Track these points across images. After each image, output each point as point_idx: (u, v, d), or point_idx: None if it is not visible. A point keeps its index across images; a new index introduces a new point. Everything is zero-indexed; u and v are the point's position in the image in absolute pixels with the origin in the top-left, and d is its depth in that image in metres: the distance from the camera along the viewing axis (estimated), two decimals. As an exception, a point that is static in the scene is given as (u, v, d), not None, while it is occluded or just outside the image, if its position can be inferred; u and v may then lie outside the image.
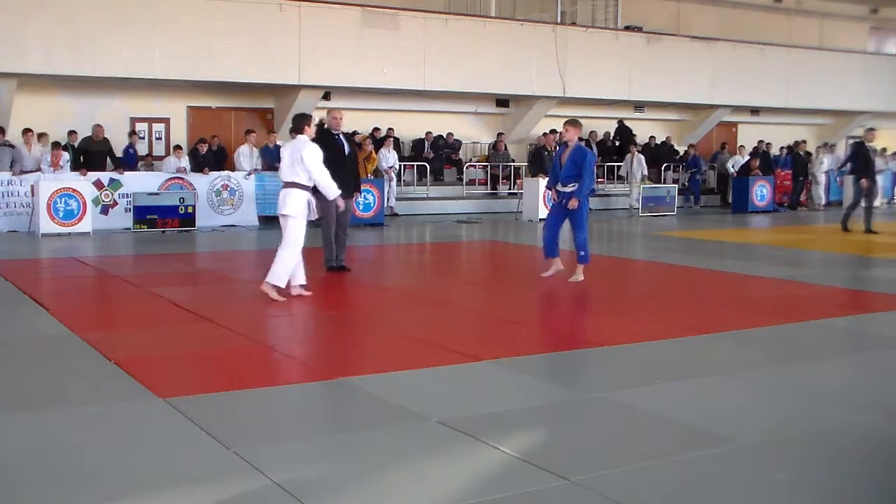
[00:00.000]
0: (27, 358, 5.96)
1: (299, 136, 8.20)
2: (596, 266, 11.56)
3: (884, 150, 24.70)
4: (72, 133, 15.85)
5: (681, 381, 5.44)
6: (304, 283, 8.20)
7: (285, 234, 8.06)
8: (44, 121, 16.14)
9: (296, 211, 7.98)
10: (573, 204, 9.03)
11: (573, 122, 9.26)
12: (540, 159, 18.51)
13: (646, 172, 20.95)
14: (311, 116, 8.42)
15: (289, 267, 7.99)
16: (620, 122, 22.71)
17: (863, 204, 15.67)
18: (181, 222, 14.77)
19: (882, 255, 12.31)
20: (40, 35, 15.20)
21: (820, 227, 17.49)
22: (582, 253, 9.23)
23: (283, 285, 8.00)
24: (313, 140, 8.27)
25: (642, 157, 20.94)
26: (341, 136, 10.00)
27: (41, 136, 15.54)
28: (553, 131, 20.73)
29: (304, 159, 7.92)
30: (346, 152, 9.94)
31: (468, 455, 4.06)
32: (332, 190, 8.22)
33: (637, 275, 10.92)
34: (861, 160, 15.75)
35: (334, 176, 8.78)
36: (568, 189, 9.10)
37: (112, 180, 14.85)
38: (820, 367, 6.00)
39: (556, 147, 19.03)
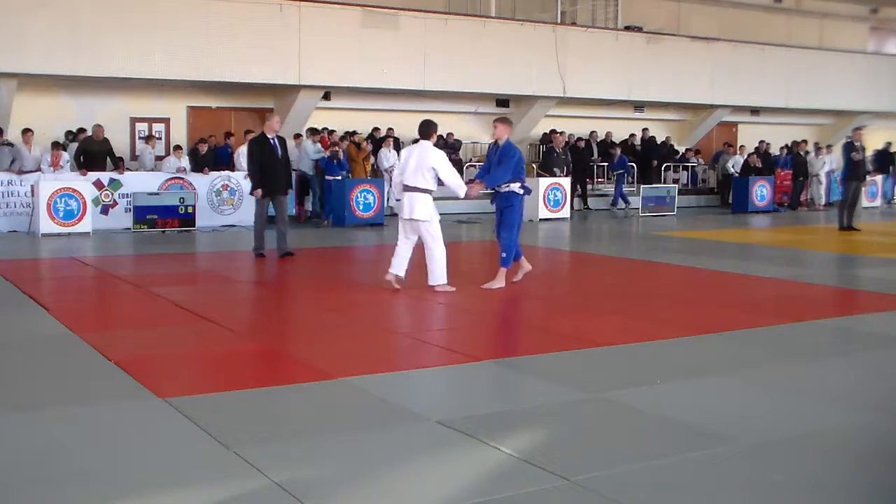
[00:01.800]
0: (27, 358, 5.95)
1: (423, 142, 8.45)
2: (596, 266, 11.58)
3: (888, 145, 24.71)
4: (70, 133, 15.86)
5: (681, 381, 5.44)
6: (401, 274, 8.55)
7: (426, 238, 8.46)
8: (44, 121, 16.14)
9: (427, 215, 8.37)
10: (473, 190, 8.71)
11: (502, 120, 9.06)
12: (549, 160, 18.62)
13: (563, 172, 19.45)
14: (436, 124, 8.71)
15: (443, 263, 8.45)
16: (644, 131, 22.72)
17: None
18: (181, 222, 14.77)
19: (882, 254, 12.31)
20: (40, 35, 15.20)
21: (820, 227, 17.48)
22: (503, 255, 8.83)
23: (445, 280, 8.43)
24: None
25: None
26: (275, 140, 11.33)
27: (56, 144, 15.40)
28: (553, 132, 20.76)
29: (434, 164, 8.24)
30: (279, 155, 11.32)
31: (468, 455, 4.06)
32: (461, 188, 8.55)
33: (637, 275, 10.92)
34: (850, 160, 15.88)
35: (268, 175, 11.07)
36: (502, 189, 8.79)
37: (112, 180, 14.84)
38: (820, 367, 6.00)
39: (564, 147, 19.16)
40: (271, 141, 11.25)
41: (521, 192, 8.84)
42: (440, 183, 8.51)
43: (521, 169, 8.85)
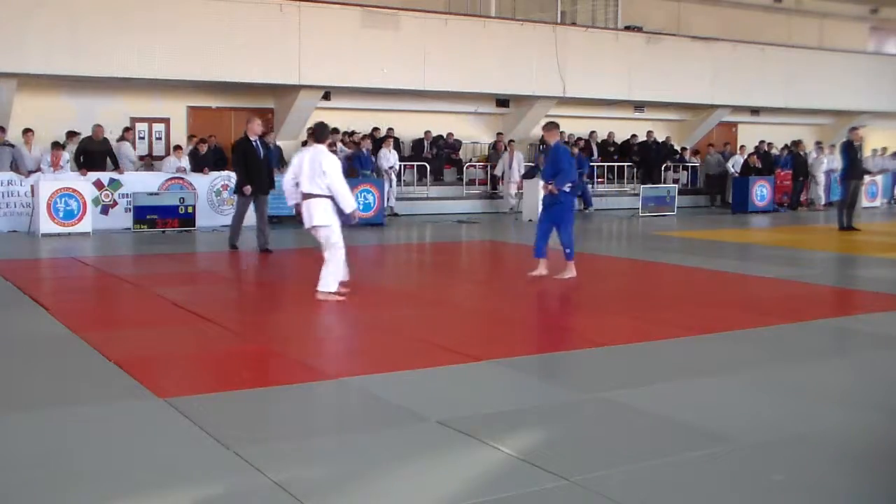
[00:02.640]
0: (27, 358, 5.95)
1: (317, 146, 8.09)
2: (596, 266, 11.56)
3: (884, 149, 24.73)
4: (71, 134, 15.85)
5: (681, 381, 5.44)
6: (345, 279, 8.29)
7: (324, 244, 8.09)
8: (44, 121, 16.13)
9: (327, 220, 7.99)
10: (550, 188, 9.37)
11: (551, 125, 9.63)
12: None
13: (523, 171, 18.80)
14: (331, 129, 8.50)
15: (338, 271, 8.08)
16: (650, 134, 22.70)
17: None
18: (181, 222, 14.77)
19: (881, 254, 12.31)
20: (40, 35, 15.19)
21: (820, 227, 17.48)
22: (567, 251, 9.57)
23: (334, 289, 8.04)
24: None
25: (521, 157, 19.52)
26: (257, 142, 11.83)
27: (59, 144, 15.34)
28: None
29: (326, 169, 7.87)
30: (261, 156, 11.87)
31: (468, 455, 4.06)
32: (349, 202, 8.07)
33: (637, 275, 10.92)
34: (850, 159, 15.94)
35: (250, 175, 11.66)
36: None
37: (112, 180, 14.84)
38: (820, 367, 6.00)
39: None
40: (254, 143, 11.84)
41: (569, 191, 9.53)
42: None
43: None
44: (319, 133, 8.21)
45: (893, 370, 5.97)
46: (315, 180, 7.92)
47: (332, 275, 8.05)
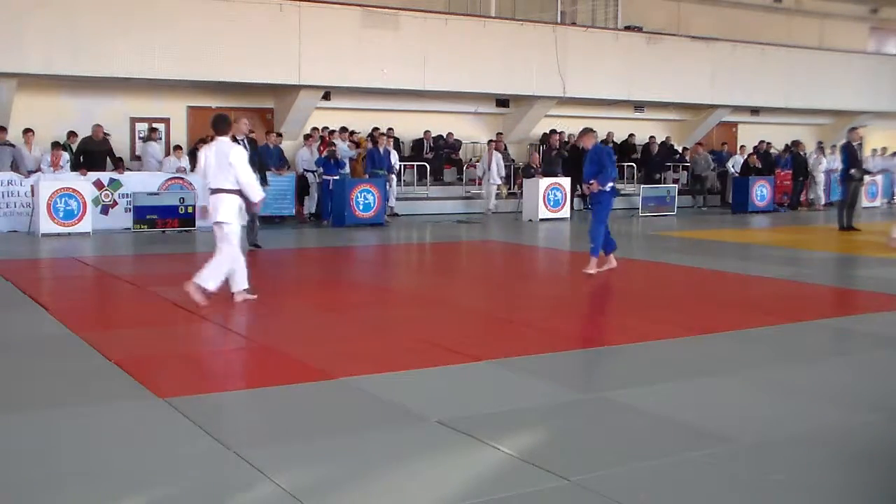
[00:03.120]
0: (27, 358, 5.95)
1: (220, 139, 7.79)
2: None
3: (884, 149, 24.72)
4: (71, 134, 15.86)
5: (681, 381, 5.44)
6: (246, 286, 7.92)
7: (220, 241, 7.75)
8: (44, 121, 16.13)
9: (230, 217, 7.68)
10: (593, 187, 9.78)
11: (586, 131, 10.15)
12: (549, 160, 18.56)
13: (503, 173, 19.18)
14: (230, 120, 8.07)
15: (223, 271, 7.69)
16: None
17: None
18: (181, 222, 14.77)
19: (881, 254, 12.30)
20: (40, 35, 15.19)
21: (820, 227, 17.48)
22: (592, 245, 9.84)
23: (211, 289, 7.65)
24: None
25: (500, 157, 19.32)
26: (244, 141, 11.66)
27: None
28: (553, 131, 20.76)
29: (232, 161, 7.60)
30: (249, 155, 11.57)
31: (468, 455, 4.06)
32: (256, 192, 7.83)
33: (637, 275, 10.91)
34: (850, 159, 15.96)
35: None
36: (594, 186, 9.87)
37: (112, 180, 14.84)
38: (820, 367, 6.00)
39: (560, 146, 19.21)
40: (241, 142, 11.75)
41: (609, 190, 9.87)
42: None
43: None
44: (219, 125, 7.84)
45: (893, 370, 5.97)
46: (222, 173, 7.64)
47: (214, 271, 7.65)
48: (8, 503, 3.49)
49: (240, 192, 7.72)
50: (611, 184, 9.82)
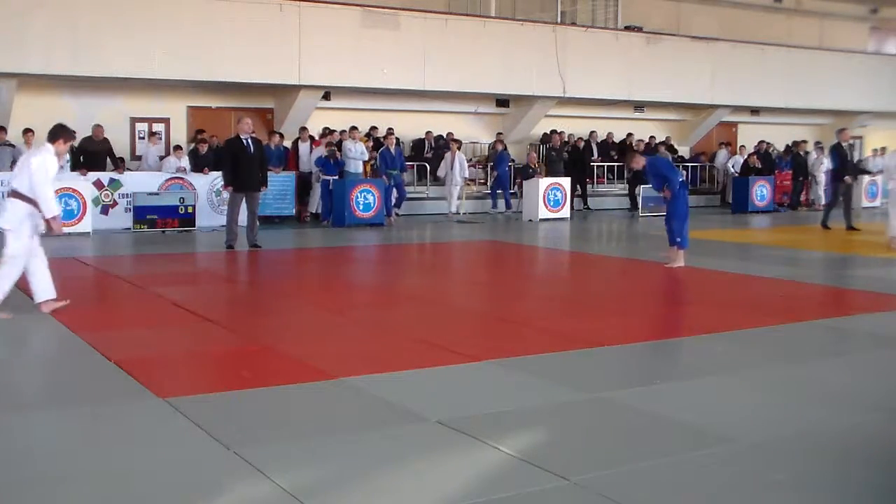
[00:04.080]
0: (27, 358, 5.96)
1: (45, 145, 7.38)
2: (596, 266, 11.58)
3: (884, 149, 24.71)
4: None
5: (681, 381, 5.44)
6: (53, 296, 7.47)
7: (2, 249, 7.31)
8: (44, 121, 16.10)
9: (12, 224, 7.23)
10: (666, 194, 10.71)
11: (636, 154, 11.59)
12: (551, 160, 18.58)
13: (466, 174, 18.72)
14: (69, 132, 7.62)
15: (5, 285, 7.22)
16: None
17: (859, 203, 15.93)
18: (181, 222, 14.76)
19: (881, 254, 12.30)
20: (40, 35, 15.18)
21: (820, 227, 17.46)
22: (678, 239, 10.59)
23: None
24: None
25: (464, 157, 18.88)
26: (248, 140, 12.15)
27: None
28: (554, 131, 20.74)
29: (32, 169, 7.13)
30: (251, 153, 12.13)
31: (468, 455, 4.06)
32: (50, 207, 7.27)
33: (637, 275, 10.92)
34: (839, 160, 15.99)
35: (241, 173, 11.96)
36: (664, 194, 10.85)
37: (112, 180, 14.84)
38: (820, 367, 6.00)
39: (560, 146, 19.30)
40: (244, 141, 12.14)
41: (680, 185, 10.74)
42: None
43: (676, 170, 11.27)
44: (51, 133, 7.43)
45: (893, 370, 5.97)
46: (19, 178, 7.25)
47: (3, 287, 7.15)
48: (8, 503, 3.49)
49: (29, 200, 7.22)
50: (680, 179, 10.81)
